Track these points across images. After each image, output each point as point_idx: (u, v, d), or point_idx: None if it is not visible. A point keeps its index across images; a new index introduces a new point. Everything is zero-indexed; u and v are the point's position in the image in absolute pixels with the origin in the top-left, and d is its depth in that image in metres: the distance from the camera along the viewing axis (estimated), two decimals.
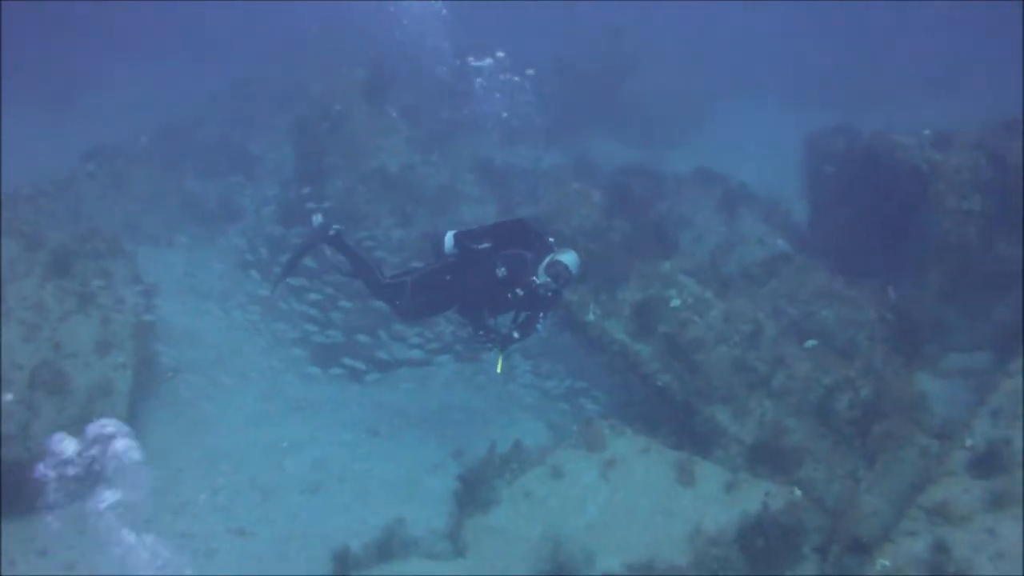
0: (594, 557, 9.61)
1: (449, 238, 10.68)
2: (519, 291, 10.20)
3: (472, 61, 18.41)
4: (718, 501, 10.25)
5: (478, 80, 18.23)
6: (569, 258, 10.26)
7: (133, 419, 11.35)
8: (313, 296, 13.60)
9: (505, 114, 18.09)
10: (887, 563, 8.77)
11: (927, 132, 14.54)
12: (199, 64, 31.90)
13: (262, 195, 18.52)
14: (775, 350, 11.70)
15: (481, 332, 10.51)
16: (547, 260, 10.25)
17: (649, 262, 12.47)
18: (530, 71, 18.39)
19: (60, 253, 12.45)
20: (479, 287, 10.41)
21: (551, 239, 10.61)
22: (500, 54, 18.28)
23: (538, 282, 10.16)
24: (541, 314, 10.51)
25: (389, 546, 10.07)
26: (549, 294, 10.27)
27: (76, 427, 9.65)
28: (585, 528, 10.05)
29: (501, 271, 10.11)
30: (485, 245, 10.37)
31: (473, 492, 10.69)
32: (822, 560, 9.88)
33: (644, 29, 29.36)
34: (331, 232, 11.25)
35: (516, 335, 10.50)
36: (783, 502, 10.16)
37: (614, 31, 27.95)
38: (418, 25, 19.84)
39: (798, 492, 10.41)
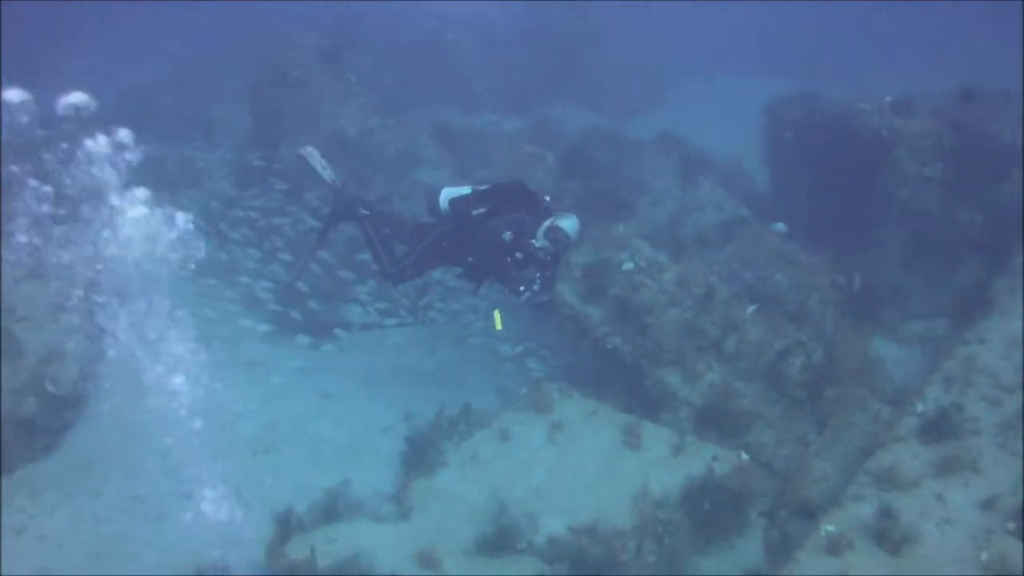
0: (538, 519, 9.52)
1: (444, 198, 10.49)
2: (518, 254, 10.06)
3: None
4: (664, 464, 10.18)
5: None
6: (569, 224, 10.01)
7: (84, 382, 11.29)
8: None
9: None
10: (832, 528, 8.70)
11: (888, 99, 14.46)
12: (161, 35, 31.60)
13: (218, 159, 18.27)
14: (727, 314, 11.59)
15: (523, 287, 10.18)
16: (546, 224, 10.02)
17: (603, 225, 12.31)
18: None
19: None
20: (479, 251, 10.24)
21: (547, 197, 10.42)
22: None
23: (537, 246, 10.00)
24: (537, 274, 10.34)
25: (334, 508, 9.97)
26: (548, 258, 10.11)
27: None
28: (531, 491, 9.97)
29: (507, 235, 9.94)
30: (481, 210, 10.20)
31: (420, 455, 10.63)
32: (769, 525, 9.84)
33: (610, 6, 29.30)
34: (363, 211, 10.94)
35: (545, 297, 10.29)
36: (730, 466, 10.10)
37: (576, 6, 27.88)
38: None
39: (745, 456, 10.35)
